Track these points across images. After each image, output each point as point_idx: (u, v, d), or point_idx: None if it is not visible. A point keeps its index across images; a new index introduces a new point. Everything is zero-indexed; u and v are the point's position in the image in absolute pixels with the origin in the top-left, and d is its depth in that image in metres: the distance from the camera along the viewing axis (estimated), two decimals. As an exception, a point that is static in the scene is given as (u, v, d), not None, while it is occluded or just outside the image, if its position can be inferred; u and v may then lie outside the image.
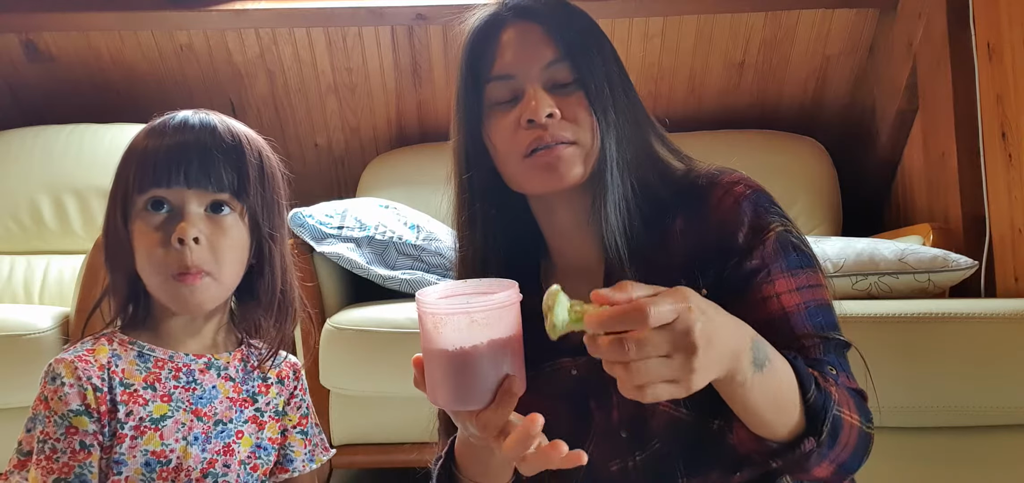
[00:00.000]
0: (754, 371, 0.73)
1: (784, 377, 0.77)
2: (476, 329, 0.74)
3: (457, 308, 0.75)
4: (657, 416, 0.89)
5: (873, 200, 2.64)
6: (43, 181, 2.36)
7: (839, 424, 0.81)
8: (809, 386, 0.79)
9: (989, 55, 2.00)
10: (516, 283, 0.77)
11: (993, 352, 1.55)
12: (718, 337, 0.67)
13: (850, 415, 0.83)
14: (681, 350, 0.65)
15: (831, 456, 0.81)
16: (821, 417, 0.79)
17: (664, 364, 0.65)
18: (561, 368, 0.95)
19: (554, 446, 0.73)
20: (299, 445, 1.04)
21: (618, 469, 0.92)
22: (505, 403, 0.75)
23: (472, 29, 0.96)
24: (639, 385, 0.65)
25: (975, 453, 1.59)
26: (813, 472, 0.83)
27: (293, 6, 2.39)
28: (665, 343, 0.64)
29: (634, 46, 2.46)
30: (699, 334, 0.65)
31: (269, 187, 0.98)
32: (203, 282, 0.92)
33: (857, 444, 0.83)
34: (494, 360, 0.75)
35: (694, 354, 0.65)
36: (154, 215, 0.92)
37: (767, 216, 0.91)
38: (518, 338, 0.77)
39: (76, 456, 0.87)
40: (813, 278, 0.90)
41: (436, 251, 1.93)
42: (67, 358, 0.90)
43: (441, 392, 0.77)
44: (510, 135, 0.92)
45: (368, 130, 2.69)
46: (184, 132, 0.94)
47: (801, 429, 0.80)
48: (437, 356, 0.76)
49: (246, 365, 1.01)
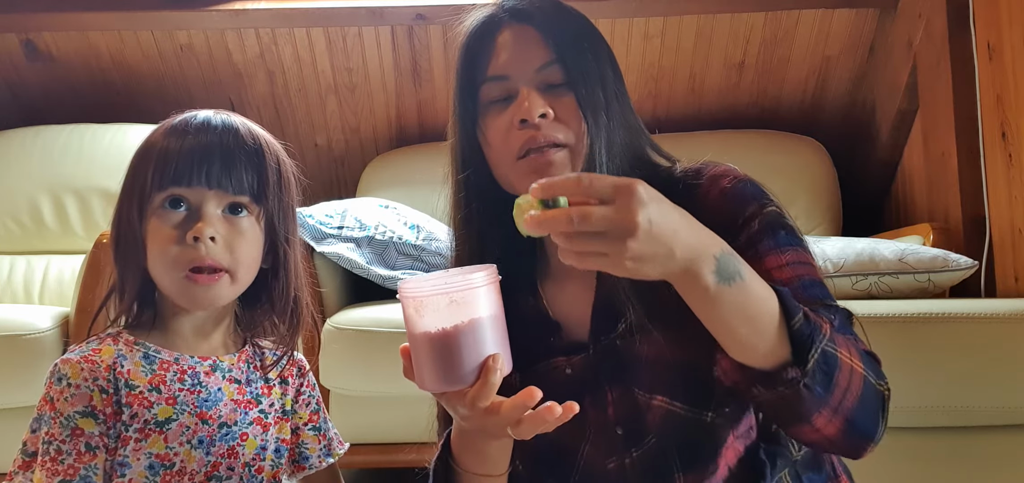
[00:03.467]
0: (718, 281, 0.72)
1: (761, 296, 0.75)
2: (455, 309, 0.76)
3: (436, 290, 0.77)
4: (652, 411, 0.90)
5: (873, 200, 2.64)
6: (43, 181, 2.36)
7: (833, 362, 0.77)
8: (795, 313, 0.76)
9: (989, 55, 2.00)
10: (495, 265, 0.79)
11: (993, 352, 1.56)
12: (665, 228, 0.69)
13: (849, 358, 0.79)
14: (619, 228, 0.67)
15: (832, 403, 0.77)
16: (807, 345, 0.76)
17: (602, 240, 0.68)
18: (555, 367, 0.95)
19: (549, 408, 0.77)
20: (313, 442, 1.05)
21: (615, 467, 0.92)
22: (490, 379, 0.77)
23: (468, 31, 0.97)
24: (577, 251, 0.69)
25: (975, 453, 1.59)
26: (814, 421, 0.78)
27: (293, 6, 2.39)
28: (605, 221, 0.67)
29: (634, 46, 2.46)
30: (641, 218, 0.67)
31: (285, 192, 0.99)
32: (219, 280, 0.92)
33: (863, 394, 0.79)
34: (476, 339, 0.77)
35: (632, 236, 0.67)
36: (172, 213, 0.92)
37: (753, 201, 0.91)
38: (499, 317, 0.79)
39: (81, 458, 0.87)
40: (803, 256, 0.90)
41: (436, 251, 1.94)
42: (73, 359, 0.90)
43: (427, 375, 0.79)
44: (503, 136, 0.92)
45: (368, 130, 2.70)
46: (206, 133, 0.94)
47: (788, 358, 0.77)
48: (420, 340, 0.78)
49: (250, 367, 1.01)
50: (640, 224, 0.67)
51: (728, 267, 0.73)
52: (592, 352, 0.93)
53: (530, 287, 1.00)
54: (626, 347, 0.91)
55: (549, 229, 0.69)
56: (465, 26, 0.98)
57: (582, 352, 0.94)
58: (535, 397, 0.77)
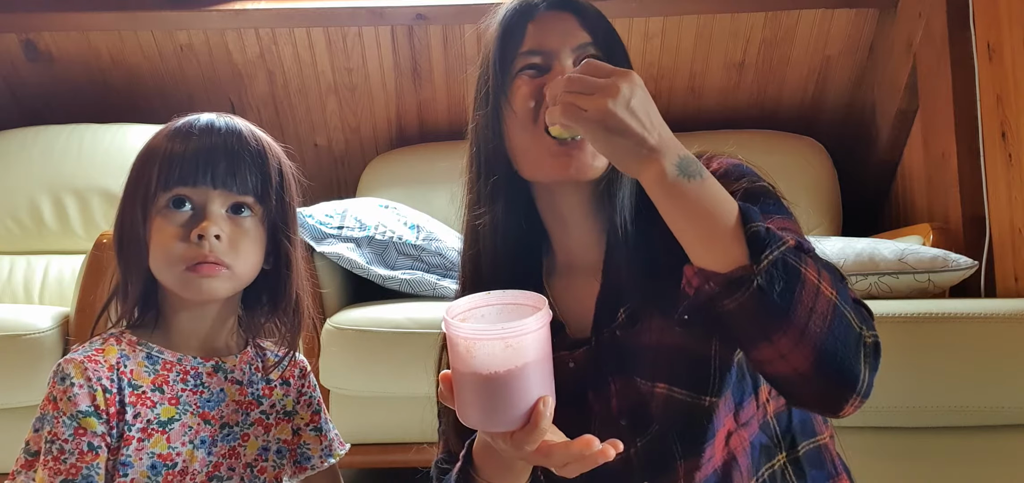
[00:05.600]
0: (679, 174, 0.78)
1: (721, 198, 0.79)
2: (511, 353, 0.73)
3: (491, 335, 0.74)
4: (655, 399, 0.90)
5: (873, 200, 2.64)
6: (43, 181, 2.36)
7: (794, 274, 0.75)
8: (753, 218, 0.77)
9: (989, 55, 2.00)
10: (545, 300, 0.77)
11: (993, 352, 1.56)
12: (641, 109, 0.78)
13: (818, 279, 0.76)
14: (604, 90, 0.77)
15: (795, 320, 0.74)
16: (763, 245, 0.75)
17: (587, 98, 0.78)
18: (559, 361, 0.95)
19: (601, 452, 0.76)
20: (314, 442, 1.05)
21: (619, 458, 0.92)
22: (539, 424, 0.75)
23: (505, 13, 0.98)
24: (564, 102, 0.79)
25: (975, 453, 1.59)
26: (776, 341, 0.75)
27: (293, 6, 2.39)
28: (595, 84, 0.78)
29: (634, 46, 2.46)
30: (624, 88, 0.77)
31: (287, 193, 1.00)
32: (221, 273, 0.93)
33: (835, 322, 0.75)
34: (527, 383, 0.74)
35: (613, 97, 0.77)
36: (176, 213, 0.93)
37: (743, 177, 0.93)
38: (548, 357, 0.77)
39: (84, 457, 0.87)
40: (790, 224, 0.89)
41: (436, 251, 1.93)
42: (77, 358, 0.90)
43: (473, 413, 0.77)
44: (532, 103, 0.92)
45: (368, 130, 2.69)
46: (211, 134, 0.95)
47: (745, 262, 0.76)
48: (469, 379, 0.75)
49: (252, 368, 1.01)
50: (622, 91, 0.77)
51: (691, 165, 0.79)
52: (594, 344, 0.94)
53: (537, 283, 1.00)
54: (627, 337, 0.91)
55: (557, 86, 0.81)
56: (499, 12, 0.98)
57: (585, 345, 0.95)
58: (592, 447, 0.75)
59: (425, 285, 1.89)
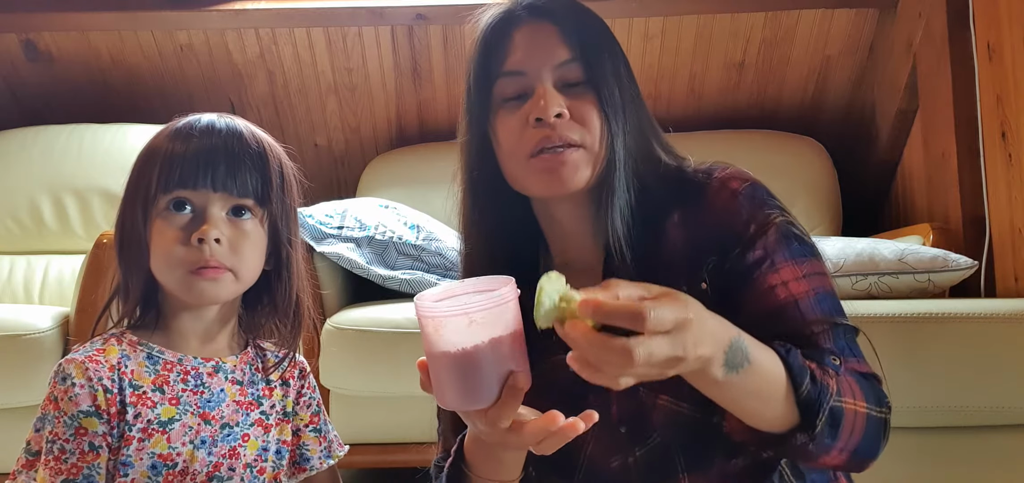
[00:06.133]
0: (726, 372, 0.73)
1: (769, 374, 0.77)
2: (476, 329, 0.74)
3: (456, 310, 0.75)
4: (657, 410, 0.89)
5: (873, 200, 2.64)
6: (43, 181, 2.36)
7: (839, 415, 0.80)
8: (802, 381, 0.78)
9: (989, 55, 2.00)
10: (513, 279, 0.77)
11: (993, 352, 1.56)
12: (703, 343, 0.69)
13: (854, 403, 0.82)
14: (616, 362, 0.66)
15: (838, 445, 0.81)
16: (814, 411, 0.79)
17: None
18: (559, 366, 0.95)
19: (570, 424, 0.76)
20: (314, 443, 1.05)
21: (618, 465, 0.92)
22: (512, 398, 0.76)
23: (485, 25, 0.96)
24: (617, 377, 0.67)
25: (975, 453, 1.59)
26: (822, 461, 0.82)
27: (293, 6, 2.39)
28: (667, 347, 0.65)
29: (634, 46, 2.46)
30: (690, 344, 0.67)
31: (288, 195, 0.99)
32: (223, 277, 0.93)
33: (866, 429, 0.83)
34: (497, 357, 0.75)
35: (683, 362, 0.67)
36: (177, 216, 0.93)
37: (766, 208, 0.91)
38: (519, 333, 0.77)
39: (85, 457, 0.87)
40: (818, 266, 0.90)
41: (436, 251, 1.93)
42: (78, 358, 0.90)
43: (448, 393, 0.78)
44: (517, 133, 0.92)
45: (368, 130, 2.69)
46: (211, 136, 0.94)
47: (796, 422, 0.80)
48: (440, 359, 0.76)
49: (252, 368, 1.01)
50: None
51: (737, 356, 0.73)
52: None
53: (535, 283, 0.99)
54: None
55: (605, 355, 0.66)
56: (481, 21, 0.97)
57: None
58: (557, 422, 0.76)
59: (425, 285, 1.89)
